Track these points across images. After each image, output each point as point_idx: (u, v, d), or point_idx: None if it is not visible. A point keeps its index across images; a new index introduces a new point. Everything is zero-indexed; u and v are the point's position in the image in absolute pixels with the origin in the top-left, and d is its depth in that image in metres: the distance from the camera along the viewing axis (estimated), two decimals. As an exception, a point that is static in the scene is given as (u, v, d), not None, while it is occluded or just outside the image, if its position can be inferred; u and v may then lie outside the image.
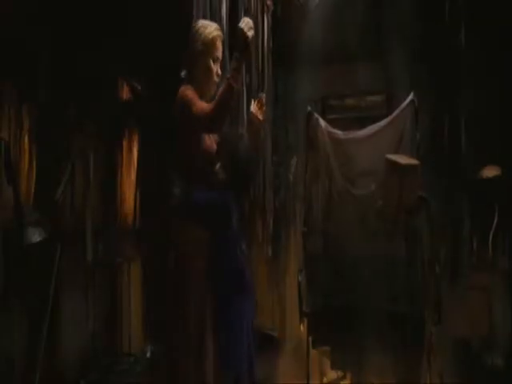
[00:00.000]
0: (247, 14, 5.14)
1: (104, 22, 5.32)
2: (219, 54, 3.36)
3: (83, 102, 5.25)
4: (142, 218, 5.87)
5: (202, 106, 3.19)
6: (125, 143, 5.97)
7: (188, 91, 3.28)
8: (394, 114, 5.02)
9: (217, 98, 3.15)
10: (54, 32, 5.04)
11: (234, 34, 4.93)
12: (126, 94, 5.92)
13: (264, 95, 3.73)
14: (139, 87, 5.73)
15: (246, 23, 3.20)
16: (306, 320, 5.05)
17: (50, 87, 5.03)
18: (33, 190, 4.93)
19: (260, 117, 3.62)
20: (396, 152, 4.86)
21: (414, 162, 4.72)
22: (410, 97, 4.92)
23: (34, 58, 4.95)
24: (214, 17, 4.74)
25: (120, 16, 5.39)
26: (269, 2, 5.51)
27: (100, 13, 5.25)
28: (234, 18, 4.97)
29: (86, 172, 5.34)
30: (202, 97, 3.34)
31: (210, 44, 3.33)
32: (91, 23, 5.21)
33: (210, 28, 3.35)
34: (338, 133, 5.17)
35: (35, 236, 4.44)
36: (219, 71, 3.42)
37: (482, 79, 5.23)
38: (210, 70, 3.34)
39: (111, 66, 5.52)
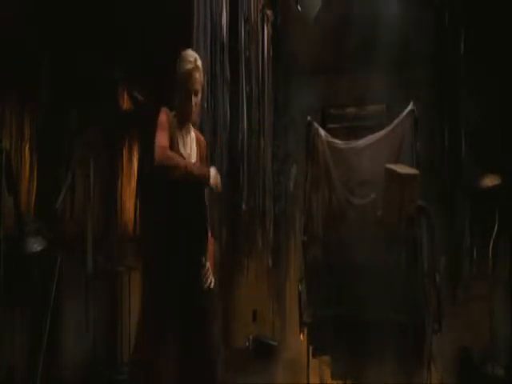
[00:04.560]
0: (247, 23, 5.17)
1: (105, 31, 5.35)
2: (197, 86, 3.40)
3: (84, 111, 5.27)
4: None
5: (160, 140, 3.29)
6: (125, 152, 5.99)
7: (162, 115, 3.39)
8: (394, 123, 5.04)
9: (170, 160, 3.23)
10: (54, 40, 5.06)
11: (233, 42, 5.04)
12: (126, 103, 5.94)
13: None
14: (140, 97, 5.75)
15: (214, 176, 3.33)
16: (306, 329, 5.04)
17: (50, 97, 5.04)
18: (33, 199, 4.93)
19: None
20: (396, 161, 4.87)
21: (413, 171, 4.73)
22: (410, 106, 4.95)
23: (34, 67, 4.97)
24: (215, 26, 4.77)
25: (121, 27, 5.41)
26: (269, 12, 5.53)
27: (101, 22, 5.27)
28: (234, 27, 5.00)
29: (87, 181, 5.34)
30: (181, 122, 3.43)
31: (184, 77, 3.39)
32: (92, 32, 5.23)
33: (185, 61, 3.41)
34: (338, 142, 5.20)
35: (36, 245, 4.44)
36: (198, 101, 3.45)
37: (482, 88, 5.24)
38: (188, 100, 3.40)
39: (112, 75, 5.54)
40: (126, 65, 5.56)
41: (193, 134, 3.53)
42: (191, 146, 3.49)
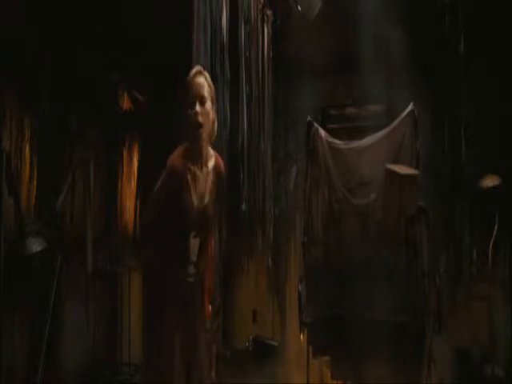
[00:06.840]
0: (247, 23, 5.17)
1: (105, 32, 5.35)
2: (202, 91, 3.15)
3: (84, 112, 5.27)
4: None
5: (153, 201, 3.26)
6: (125, 153, 5.99)
7: (170, 164, 3.16)
8: (394, 123, 5.04)
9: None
10: (54, 40, 5.07)
11: (234, 42, 5.03)
12: (126, 103, 5.94)
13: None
14: (140, 97, 5.75)
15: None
16: (306, 330, 5.04)
17: (51, 98, 5.05)
18: (34, 200, 4.94)
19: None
20: (396, 162, 4.87)
21: (413, 171, 4.74)
22: (410, 107, 4.94)
23: (34, 67, 4.97)
24: (215, 27, 4.76)
25: (122, 28, 5.41)
26: (269, 12, 5.53)
27: (101, 22, 5.27)
28: (234, 27, 5.00)
29: (87, 182, 5.35)
30: (193, 153, 3.20)
31: (188, 85, 3.18)
32: (92, 32, 5.23)
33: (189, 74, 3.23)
34: (338, 142, 5.20)
35: (36, 246, 4.44)
36: (206, 112, 3.16)
37: (482, 89, 5.24)
38: (192, 108, 3.13)
39: (112, 76, 5.55)
40: (126, 65, 5.56)
41: (211, 162, 3.28)
42: (207, 179, 3.26)
